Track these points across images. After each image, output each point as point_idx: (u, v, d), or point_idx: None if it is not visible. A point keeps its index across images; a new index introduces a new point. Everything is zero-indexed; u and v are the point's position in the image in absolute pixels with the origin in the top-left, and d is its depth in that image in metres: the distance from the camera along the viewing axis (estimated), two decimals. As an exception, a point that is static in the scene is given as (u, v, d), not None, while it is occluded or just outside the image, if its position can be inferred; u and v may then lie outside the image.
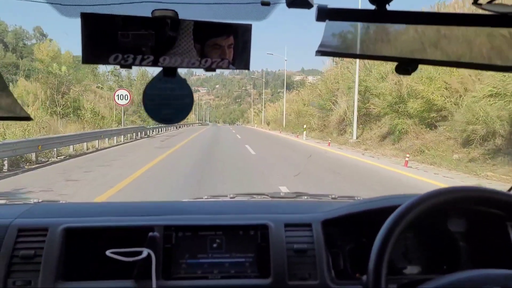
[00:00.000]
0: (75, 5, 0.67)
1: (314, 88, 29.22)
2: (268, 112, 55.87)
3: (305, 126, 24.68)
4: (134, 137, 22.46)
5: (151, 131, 27.60)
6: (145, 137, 24.28)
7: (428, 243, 1.29)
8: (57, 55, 25.56)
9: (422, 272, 1.26)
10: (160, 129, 32.18)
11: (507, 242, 1.15)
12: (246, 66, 0.67)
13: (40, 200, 1.50)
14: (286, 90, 43.40)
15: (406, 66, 0.71)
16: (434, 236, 1.29)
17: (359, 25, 0.70)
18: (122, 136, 19.80)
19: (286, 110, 38.41)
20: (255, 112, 75.32)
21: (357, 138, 18.91)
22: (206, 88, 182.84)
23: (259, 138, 25.17)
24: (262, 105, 59.41)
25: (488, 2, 0.65)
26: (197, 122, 76.16)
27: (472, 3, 0.66)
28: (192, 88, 0.71)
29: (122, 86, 39.97)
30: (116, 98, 21.45)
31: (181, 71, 0.68)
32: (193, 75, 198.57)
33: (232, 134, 29.78)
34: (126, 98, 21.61)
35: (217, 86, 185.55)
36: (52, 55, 24.88)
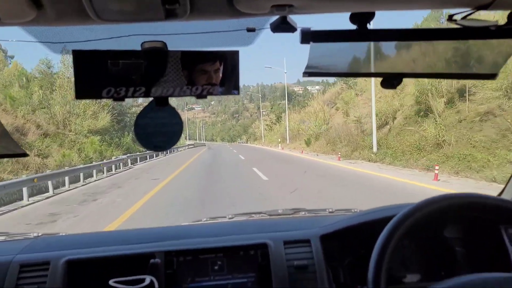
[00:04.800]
0: (66, 42, 0.66)
1: None
2: (294, 124, 34.28)
3: None
4: None
5: None
6: None
7: (425, 251, 1.21)
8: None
9: (421, 280, 1.19)
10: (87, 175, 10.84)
11: (502, 245, 1.11)
12: (236, 91, 0.66)
13: (40, 234, 1.44)
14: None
15: (391, 80, 0.71)
16: (431, 243, 1.21)
17: (343, 44, 0.67)
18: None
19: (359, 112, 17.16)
20: (267, 125, 52.78)
21: None
22: (201, 106, 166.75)
23: None
24: (285, 114, 36.91)
25: (462, 18, 0.65)
26: (187, 143, 52.26)
27: (447, 20, 0.65)
28: (187, 106, 0.77)
29: None
30: None
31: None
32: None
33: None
34: None
35: (212, 102, 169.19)
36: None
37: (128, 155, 20.37)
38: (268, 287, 1.13)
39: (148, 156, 23.71)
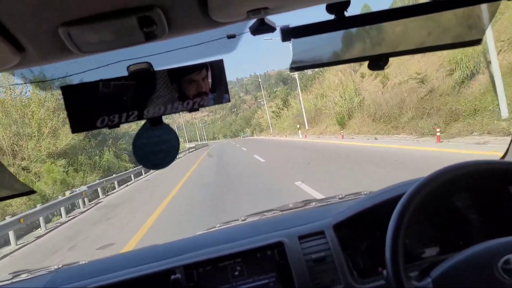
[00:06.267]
0: (53, 79, 0.68)
1: None
2: (309, 105, 28.26)
3: None
4: None
5: None
6: None
7: (440, 224, 1.20)
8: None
9: (440, 253, 1.18)
10: None
11: None
12: (227, 95, 0.65)
13: (60, 266, 1.43)
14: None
15: (377, 62, 0.71)
16: (445, 216, 1.21)
17: (324, 35, 0.67)
18: None
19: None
20: (273, 112, 46.15)
21: None
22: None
23: None
24: (294, 96, 30.84)
25: None
26: (187, 147, 45.70)
27: None
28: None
29: None
30: None
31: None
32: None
33: None
34: None
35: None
36: None
37: (98, 181, 14.51)
38: (290, 284, 1.12)
39: (132, 176, 17.81)
